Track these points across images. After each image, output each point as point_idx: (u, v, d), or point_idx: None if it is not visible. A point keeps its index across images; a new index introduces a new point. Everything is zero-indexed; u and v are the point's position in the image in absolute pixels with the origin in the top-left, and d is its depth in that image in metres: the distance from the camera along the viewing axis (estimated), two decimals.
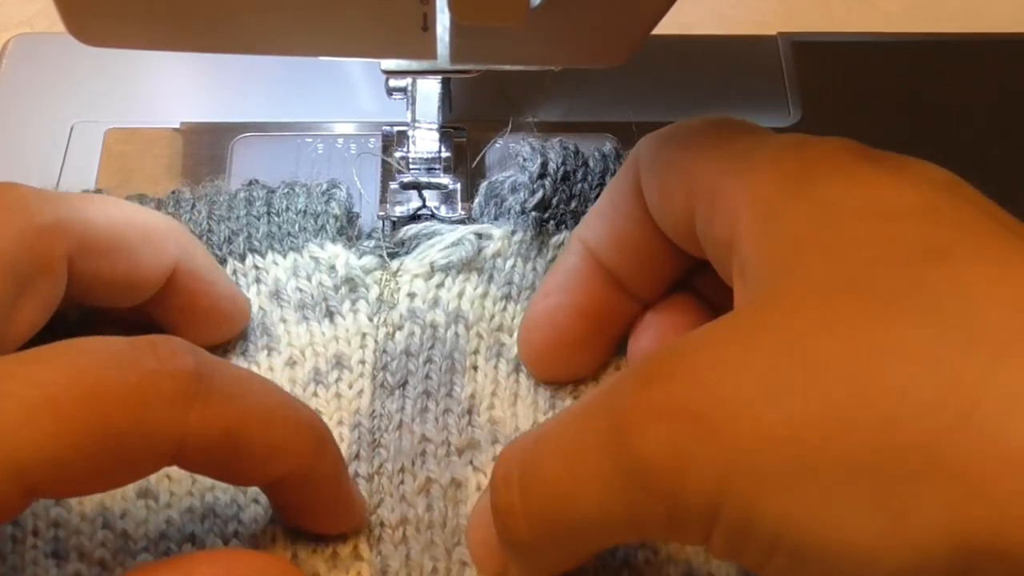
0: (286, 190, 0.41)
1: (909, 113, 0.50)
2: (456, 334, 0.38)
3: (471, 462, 0.35)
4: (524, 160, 0.42)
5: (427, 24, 0.32)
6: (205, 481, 0.34)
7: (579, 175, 0.41)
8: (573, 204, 0.41)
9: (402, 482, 0.35)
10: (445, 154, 0.44)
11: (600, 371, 0.38)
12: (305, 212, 0.40)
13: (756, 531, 0.25)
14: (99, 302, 0.35)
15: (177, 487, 0.34)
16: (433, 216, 0.43)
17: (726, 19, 0.63)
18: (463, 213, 0.43)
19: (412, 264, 0.40)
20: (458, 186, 0.43)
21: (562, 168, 0.41)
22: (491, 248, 0.40)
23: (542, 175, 0.41)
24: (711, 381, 0.26)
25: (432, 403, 0.37)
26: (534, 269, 0.40)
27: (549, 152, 0.41)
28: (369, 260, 0.40)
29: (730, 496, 0.25)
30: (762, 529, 0.25)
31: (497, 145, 0.46)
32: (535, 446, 0.29)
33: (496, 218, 0.41)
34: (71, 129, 0.47)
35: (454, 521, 0.34)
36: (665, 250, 0.35)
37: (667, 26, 0.35)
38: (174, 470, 0.34)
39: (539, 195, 0.41)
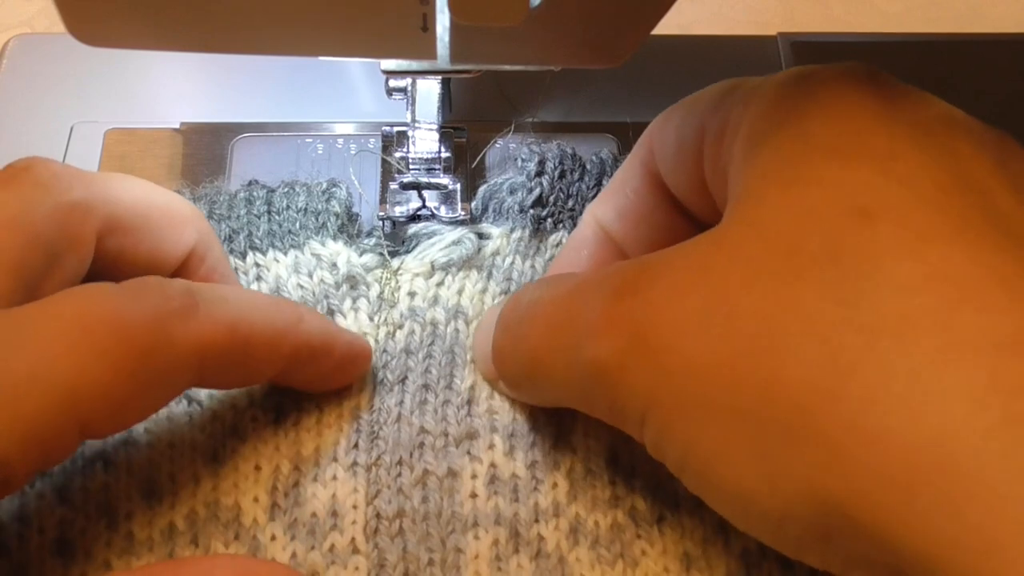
0: (286, 189, 0.41)
1: None
2: (456, 329, 0.38)
3: (468, 451, 0.36)
4: (522, 162, 0.42)
5: (427, 24, 0.32)
6: (207, 483, 0.34)
7: (576, 175, 0.41)
8: (570, 203, 0.41)
9: (399, 474, 0.35)
10: (445, 154, 0.44)
11: None
12: (306, 210, 0.41)
13: (670, 446, 0.29)
14: (116, 280, 0.35)
15: (181, 488, 0.34)
16: (433, 216, 0.43)
17: (726, 19, 0.63)
18: (463, 213, 0.43)
19: (412, 263, 0.40)
20: (458, 186, 0.43)
21: (559, 167, 0.42)
22: (490, 246, 0.41)
23: (539, 173, 0.41)
24: (659, 305, 0.28)
25: (431, 395, 0.37)
26: (533, 267, 0.40)
27: (547, 152, 0.42)
28: (370, 258, 0.40)
29: (654, 410, 0.28)
30: (674, 445, 0.28)
31: (497, 145, 0.46)
32: (529, 305, 0.33)
33: (495, 220, 0.42)
34: (71, 129, 0.47)
35: (449, 511, 0.34)
36: (676, 224, 0.36)
37: (667, 26, 0.35)
38: (177, 471, 0.34)
39: (536, 192, 0.41)
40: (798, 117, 0.29)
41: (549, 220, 0.41)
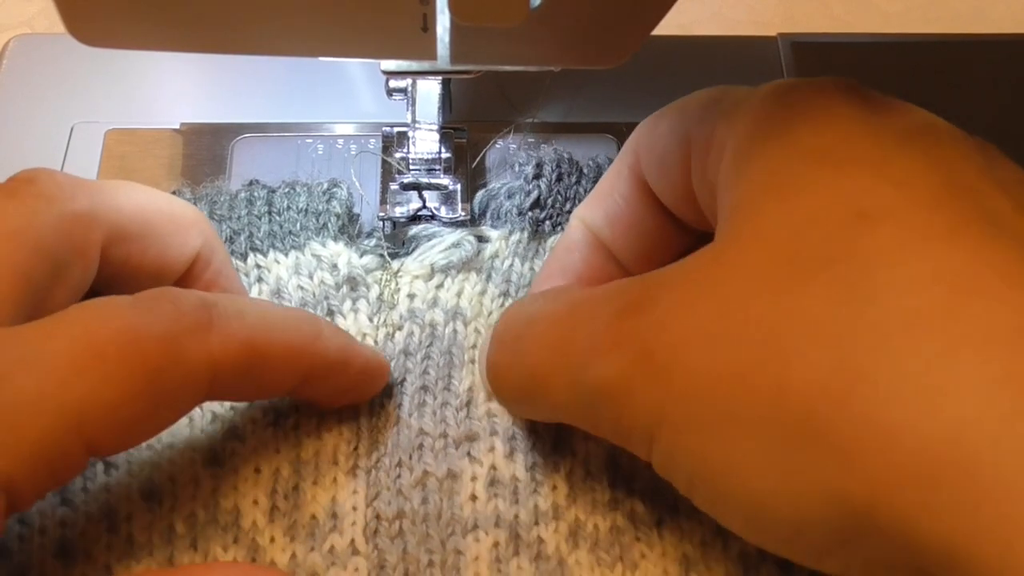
0: (287, 189, 0.41)
1: None
2: (454, 331, 0.38)
3: (468, 453, 0.35)
4: (519, 166, 0.42)
5: (427, 25, 0.32)
6: (206, 485, 0.34)
7: (573, 178, 0.42)
8: (568, 206, 0.41)
9: (399, 476, 0.35)
10: (445, 155, 0.44)
11: None
12: (306, 211, 0.41)
13: (679, 463, 0.29)
14: (123, 289, 0.35)
15: (181, 491, 0.34)
16: (433, 217, 0.43)
17: (726, 19, 0.63)
18: (463, 214, 0.43)
19: (412, 265, 0.40)
20: (458, 187, 0.43)
21: (556, 170, 0.42)
22: (489, 249, 0.41)
23: (537, 176, 0.42)
24: (663, 322, 0.28)
25: (430, 397, 0.37)
26: (532, 269, 0.40)
27: (544, 156, 0.42)
28: (370, 260, 0.40)
29: (661, 428, 0.28)
30: (683, 462, 0.28)
31: (497, 145, 0.46)
32: (529, 323, 0.33)
33: (493, 223, 0.42)
34: (71, 129, 0.47)
35: (449, 513, 0.34)
36: (662, 229, 0.36)
37: (667, 26, 0.35)
38: (177, 473, 0.34)
39: (534, 195, 0.41)
40: (786, 128, 0.29)
41: (547, 222, 0.41)
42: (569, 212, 0.41)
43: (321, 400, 0.36)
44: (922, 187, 0.27)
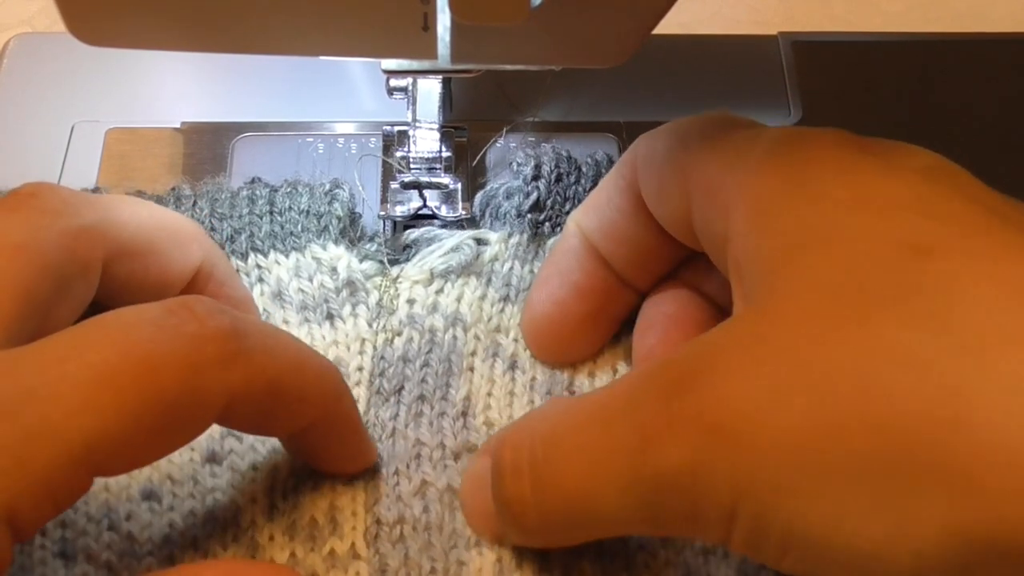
0: (289, 189, 0.41)
1: (909, 113, 0.50)
2: (454, 337, 0.38)
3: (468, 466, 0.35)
4: (518, 166, 0.42)
5: (427, 24, 0.32)
6: (205, 483, 0.34)
7: (572, 178, 0.41)
8: (567, 207, 0.41)
9: (397, 484, 0.35)
10: (446, 154, 0.44)
11: (598, 356, 0.39)
12: (308, 212, 0.40)
13: (770, 532, 0.26)
14: (124, 304, 0.35)
15: (179, 489, 0.34)
16: (434, 216, 0.43)
17: (726, 19, 0.63)
18: (464, 213, 0.43)
19: (412, 270, 0.40)
20: (459, 186, 0.43)
21: (556, 171, 0.41)
22: (489, 252, 0.41)
23: (536, 177, 0.41)
24: (724, 392, 0.27)
25: (427, 407, 0.37)
26: (531, 271, 0.40)
27: (543, 156, 0.42)
28: (370, 265, 0.40)
29: (745, 501, 0.26)
30: (775, 529, 0.26)
31: (497, 145, 0.46)
32: (550, 442, 0.30)
33: (492, 225, 0.42)
34: (71, 129, 0.47)
35: (451, 526, 0.34)
36: (657, 243, 0.36)
37: (667, 26, 0.35)
38: (176, 471, 0.34)
39: (534, 196, 0.41)
40: (806, 181, 0.29)
41: (547, 224, 0.41)
42: (568, 213, 0.41)
43: (315, 458, 0.34)
44: (967, 217, 0.27)
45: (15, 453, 0.26)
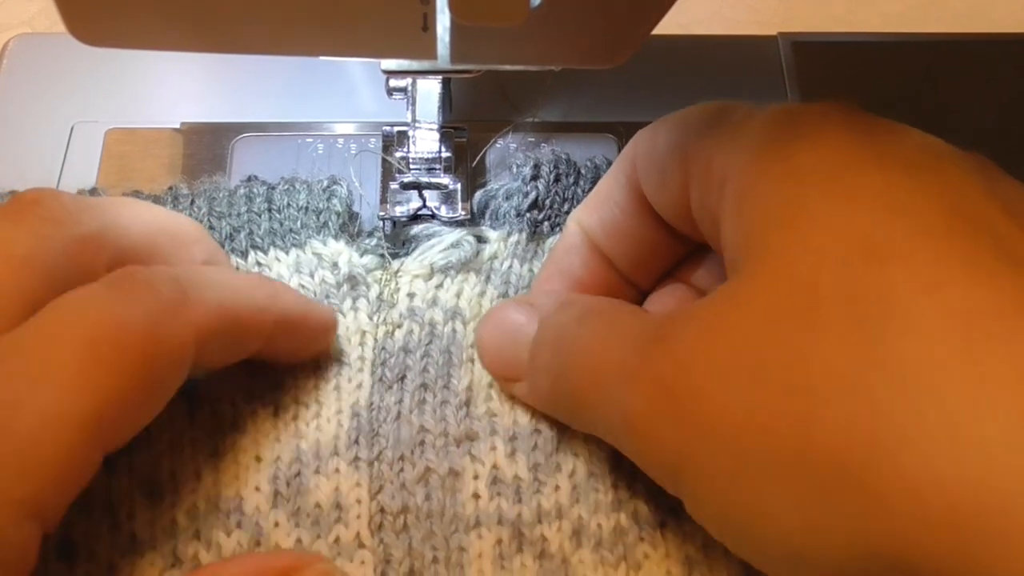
0: (286, 186, 0.41)
1: (909, 113, 0.49)
2: (453, 330, 0.38)
3: (469, 452, 0.36)
4: (517, 167, 0.43)
5: (427, 24, 0.32)
6: (208, 478, 0.34)
7: (571, 179, 0.42)
8: (566, 207, 0.41)
9: (402, 470, 0.35)
10: (445, 154, 0.44)
11: None
12: (307, 209, 0.41)
13: (707, 507, 0.28)
14: None
15: (182, 485, 0.34)
16: (434, 216, 0.43)
17: (726, 19, 0.63)
18: (463, 213, 0.43)
19: (412, 265, 0.40)
20: (458, 186, 0.43)
21: (554, 171, 0.42)
22: (488, 250, 0.41)
23: (535, 177, 0.42)
24: (684, 360, 0.28)
25: (429, 395, 0.37)
26: (531, 270, 0.40)
27: (541, 157, 0.42)
28: (370, 259, 0.40)
29: (686, 466, 0.28)
30: (712, 507, 0.28)
31: (497, 145, 0.46)
32: (573, 336, 0.33)
33: (492, 225, 0.42)
34: (71, 129, 0.47)
35: (451, 510, 0.34)
36: (658, 238, 0.36)
37: (667, 26, 0.35)
38: (178, 468, 0.34)
39: (532, 196, 0.41)
40: (787, 159, 0.29)
41: (546, 223, 0.41)
42: (567, 213, 0.41)
43: (286, 355, 0.37)
44: (930, 214, 0.27)
45: (34, 443, 0.27)
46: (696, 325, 0.29)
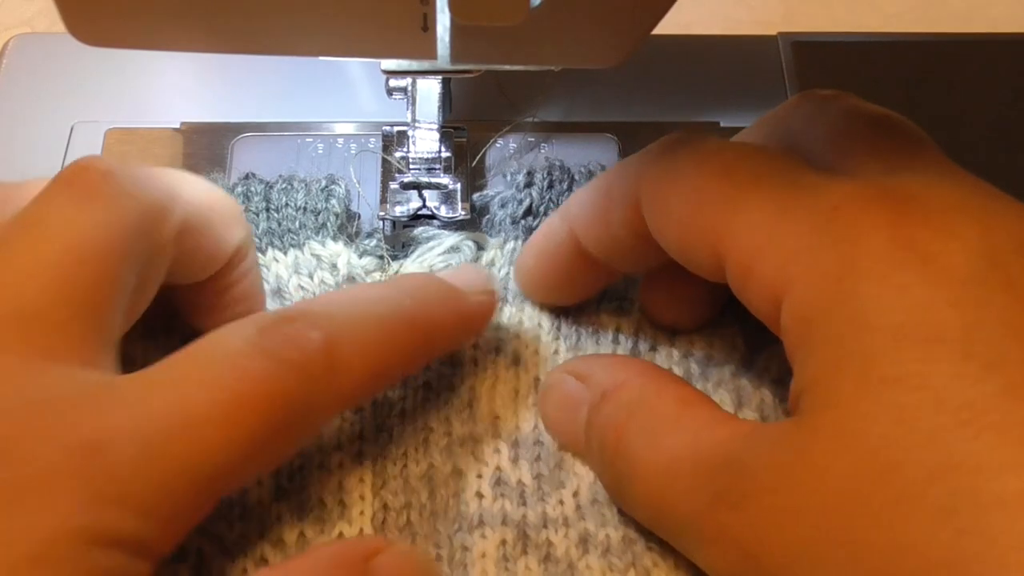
0: (284, 185, 0.41)
1: (909, 113, 0.49)
2: None
3: (472, 453, 0.35)
4: (511, 176, 0.43)
5: (427, 24, 0.32)
6: None
7: (564, 185, 0.42)
8: None
9: (405, 466, 0.35)
10: (445, 154, 0.44)
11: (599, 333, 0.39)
12: (305, 209, 0.41)
13: None
14: (175, 280, 0.35)
15: None
16: (433, 216, 0.43)
17: (726, 19, 0.63)
18: (463, 213, 0.43)
19: (411, 266, 0.40)
20: (458, 186, 0.43)
21: (548, 178, 0.42)
22: (485, 257, 0.41)
23: (528, 184, 0.42)
24: (765, 530, 0.27)
25: (433, 395, 0.37)
26: None
27: (535, 164, 0.42)
28: (369, 261, 0.40)
29: None
30: None
31: (497, 145, 0.46)
32: (623, 451, 0.32)
33: (488, 232, 0.42)
34: (71, 129, 0.47)
35: (455, 508, 0.34)
36: (655, 250, 0.35)
37: (667, 26, 0.35)
38: None
39: (526, 203, 0.41)
40: (853, 298, 0.27)
41: None
42: None
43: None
44: (1011, 368, 0.25)
45: (167, 491, 0.27)
46: (768, 484, 0.28)
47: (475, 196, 0.43)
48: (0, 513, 0.26)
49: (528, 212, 0.41)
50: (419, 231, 0.42)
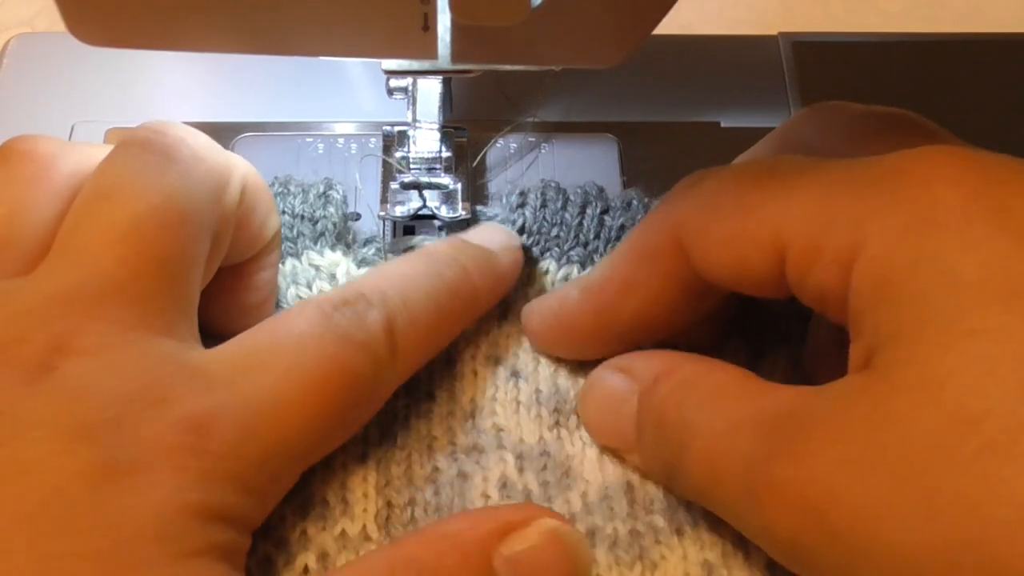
0: (280, 189, 0.41)
1: None
2: (456, 343, 0.38)
3: (478, 462, 0.35)
4: (505, 198, 0.42)
5: (428, 24, 0.32)
6: None
7: (559, 204, 0.42)
8: (555, 231, 0.41)
9: (409, 467, 0.35)
10: (446, 154, 0.44)
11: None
12: (302, 216, 0.40)
13: None
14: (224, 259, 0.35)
15: None
16: (434, 216, 0.43)
17: (726, 19, 0.63)
18: (464, 213, 0.43)
19: None
20: (459, 186, 0.43)
21: (541, 197, 0.42)
22: None
23: (521, 204, 0.42)
24: (831, 483, 0.26)
25: (435, 405, 0.37)
26: (525, 296, 0.40)
27: (529, 186, 0.42)
28: (368, 271, 0.40)
29: None
30: None
31: (498, 144, 0.46)
32: (677, 424, 0.31)
33: None
34: (71, 129, 0.47)
35: (460, 506, 0.34)
36: (695, 302, 0.34)
37: (667, 26, 0.35)
38: None
39: (520, 223, 0.41)
40: (934, 252, 0.27)
41: (535, 248, 0.41)
42: (557, 237, 0.41)
43: None
44: None
45: (269, 471, 0.29)
46: (834, 433, 0.27)
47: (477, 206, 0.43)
48: (117, 489, 0.26)
49: (522, 231, 0.41)
50: (418, 239, 0.41)
